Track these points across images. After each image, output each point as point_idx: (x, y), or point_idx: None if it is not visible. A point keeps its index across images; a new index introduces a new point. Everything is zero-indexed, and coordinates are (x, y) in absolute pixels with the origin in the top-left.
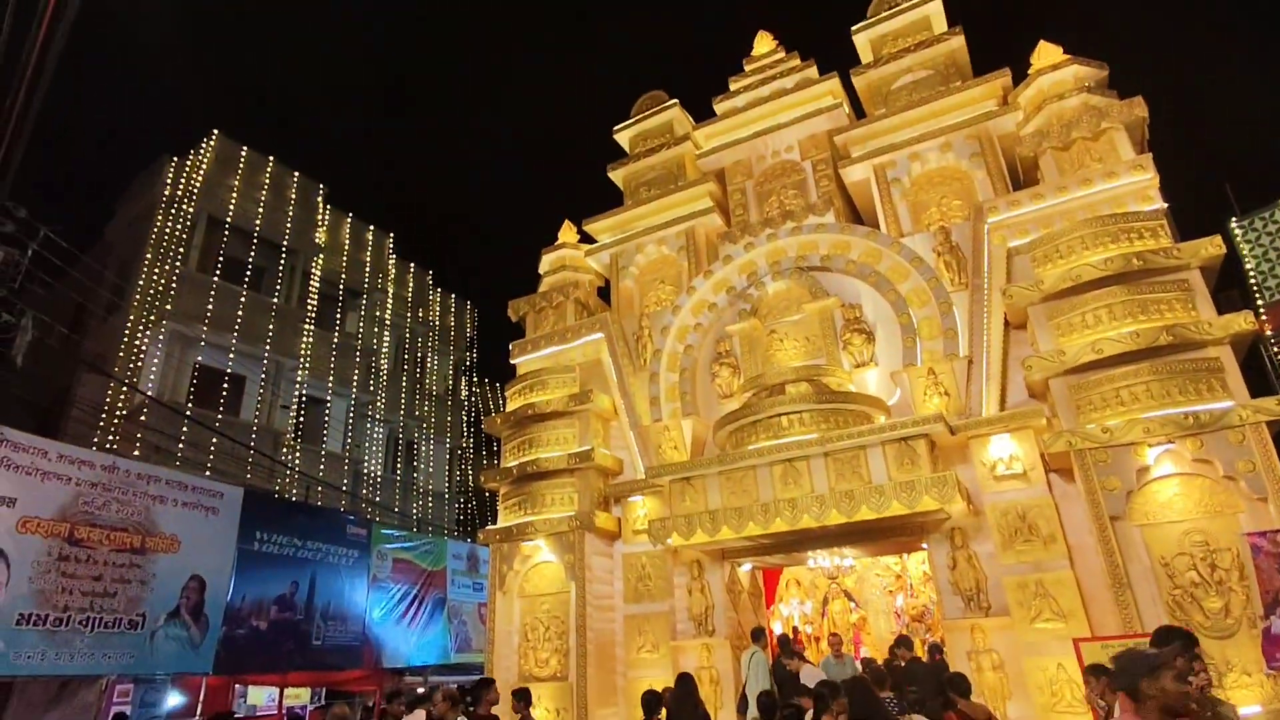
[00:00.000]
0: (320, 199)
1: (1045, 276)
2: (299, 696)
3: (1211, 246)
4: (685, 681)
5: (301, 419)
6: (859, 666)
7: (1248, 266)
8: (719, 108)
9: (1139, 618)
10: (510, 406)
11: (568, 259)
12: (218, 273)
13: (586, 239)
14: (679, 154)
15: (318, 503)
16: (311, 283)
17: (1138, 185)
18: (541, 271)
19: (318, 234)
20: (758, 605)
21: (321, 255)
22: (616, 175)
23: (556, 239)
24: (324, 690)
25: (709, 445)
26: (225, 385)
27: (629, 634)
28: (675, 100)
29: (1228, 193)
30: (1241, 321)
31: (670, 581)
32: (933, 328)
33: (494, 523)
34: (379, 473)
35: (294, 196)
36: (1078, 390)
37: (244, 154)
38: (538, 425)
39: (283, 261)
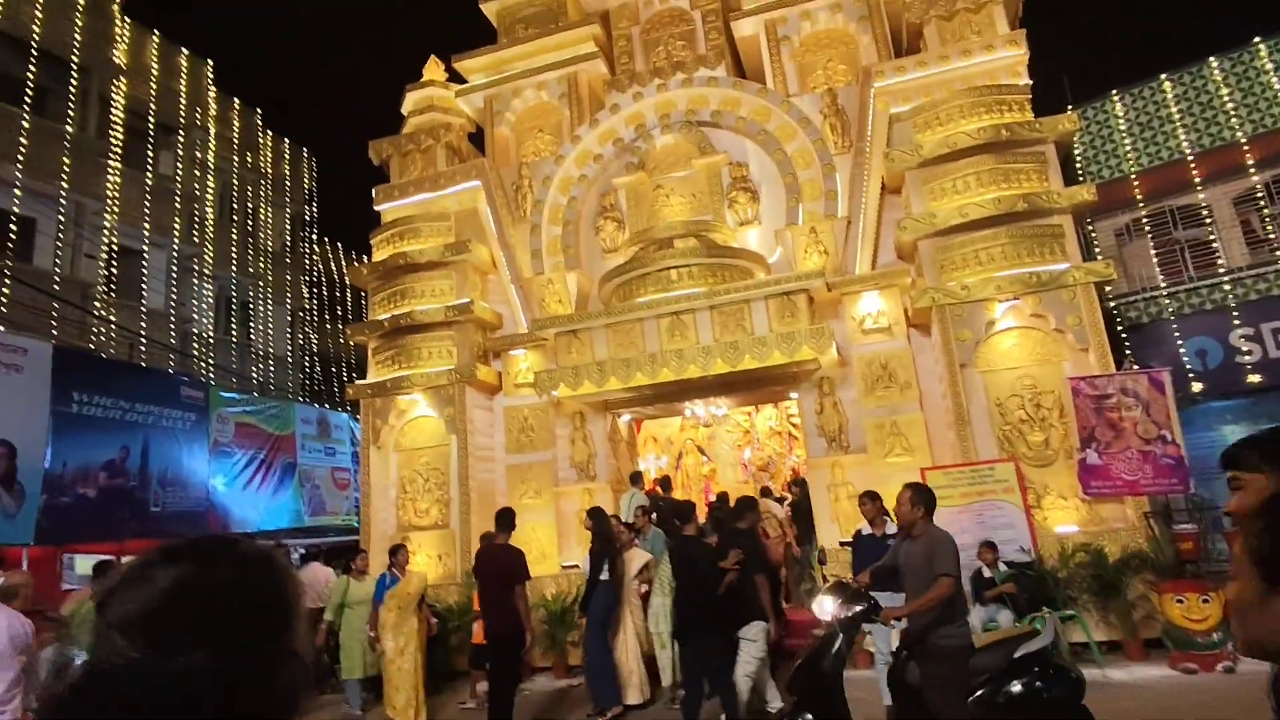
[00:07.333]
0: (116, 7)
1: (924, 142)
2: None
3: (1068, 122)
4: (601, 511)
5: (114, 270)
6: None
7: (1076, 152)
8: None
9: (975, 450)
10: (378, 256)
11: (436, 99)
12: None
13: (455, 78)
14: None
15: (142, 363)
16: (113, 111)
17: (1011, 60)
18: (406, 112)
19: (116, 52)
20: (633, 453)
21: (123, 79)
22: (490, 8)
23: (421, 77)
24: None
25: (593, 299)
26: (12, 226)
27: (512, 482)
28: None
29: (1064, 84)
30: (1084, 193)
31: (552, 432)
32: (815, 189)
33: (345, 386)
34: (211, 333)
35: (81, 1)
36: (942, 251)
37: None
38: (410, 276)
39: (73, 82)
